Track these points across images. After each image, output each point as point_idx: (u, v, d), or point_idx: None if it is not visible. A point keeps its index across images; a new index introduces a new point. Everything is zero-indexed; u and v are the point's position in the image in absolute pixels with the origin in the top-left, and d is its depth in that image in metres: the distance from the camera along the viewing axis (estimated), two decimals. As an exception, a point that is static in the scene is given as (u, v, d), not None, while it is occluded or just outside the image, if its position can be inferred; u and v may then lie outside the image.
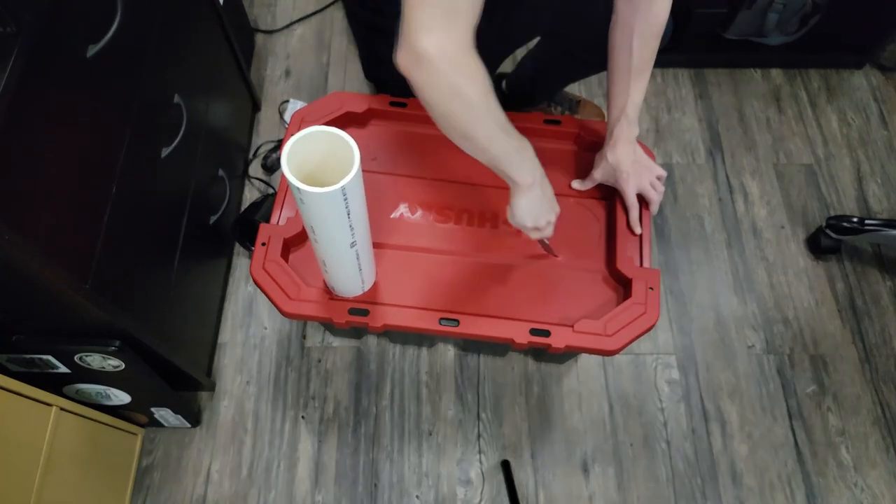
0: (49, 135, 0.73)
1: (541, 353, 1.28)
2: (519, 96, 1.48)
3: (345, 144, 0.70)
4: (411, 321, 0.95)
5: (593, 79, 1.65)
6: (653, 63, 0.96)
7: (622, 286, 1.00)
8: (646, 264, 1.00)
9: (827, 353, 1.34)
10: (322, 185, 0.68)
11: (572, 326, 0.93)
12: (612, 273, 1.01)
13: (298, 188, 0.68)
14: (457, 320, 0.94)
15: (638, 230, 1.02)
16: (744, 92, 1.66)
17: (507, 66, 1.46)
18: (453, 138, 0.80)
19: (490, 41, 1.00)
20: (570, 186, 1.09)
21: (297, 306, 0.94)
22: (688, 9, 1.57)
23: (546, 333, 0.93)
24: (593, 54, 1.03)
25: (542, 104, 1.54)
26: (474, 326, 0.94)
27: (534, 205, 0.89)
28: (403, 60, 0.72)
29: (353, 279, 0.92)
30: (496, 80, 1.54)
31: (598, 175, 1.04)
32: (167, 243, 1.07)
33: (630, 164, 1.00)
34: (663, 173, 1.04)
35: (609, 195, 1.08)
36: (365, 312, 0.94)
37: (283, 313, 0.94)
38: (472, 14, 0.71)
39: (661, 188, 1.03)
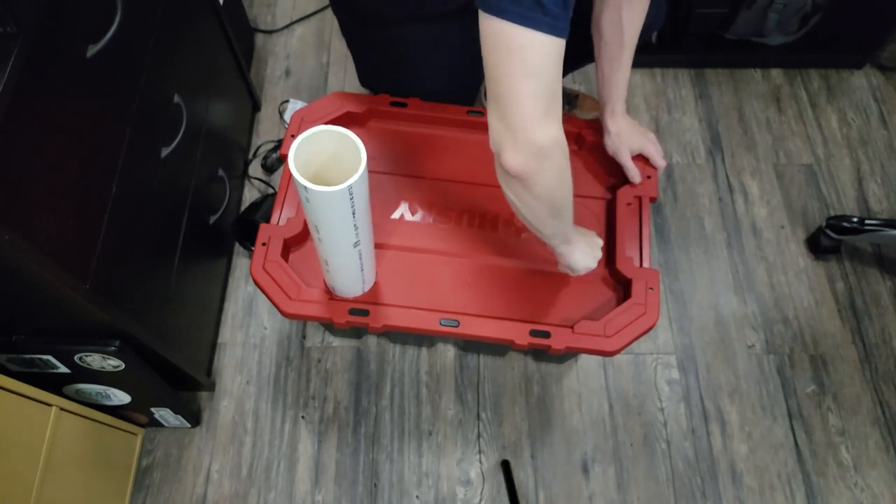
0: (49, 135, 0.73)
1: (541, 354, 1.28)
2: None
3: (351, 144, 0.70)
4: (411, 321, 0.95)
5: (592, 74, 1.65)
6: (637, 39, 0.99)
7: (622, 286, 1.00)
8: (646, 264, 1.00)
9: (827, 353, 1.34)
10: (327, 185, 0.68)
11: (572, 327, 0.93)
12: (611, 273, 1.01)
13: (305, 187, 0.68)
14: (457, 321, 0.94)
15: (638, 179, 1.06)
16: (744, 92, 1.66)
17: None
18: (540, 218, 0.79)
19: None
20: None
21: (297, 306, 0.94)
22: (688, 9, 1.57)
23: (546, 334, 0.93)
24: (583, 42, 1.03)
25: None
26: (474, 327, 0.94)
27: (586, 248, 0.94)
28: (516, 159, 0.68)
29: (354, 279, 0.92)
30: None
31: (611, 149, 1.07)
32: (167, 243, 1.07)
33: (631, 131, 1.06)
34: (652, 135, 1.09)
35: (609, 195, 1.08)
36: (365, 313, 0.94)
37: (283, 314, 0.94)
38: (561, 94, 0.69)
39: (658, 146, 1.08)
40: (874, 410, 1.29)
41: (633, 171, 1.06)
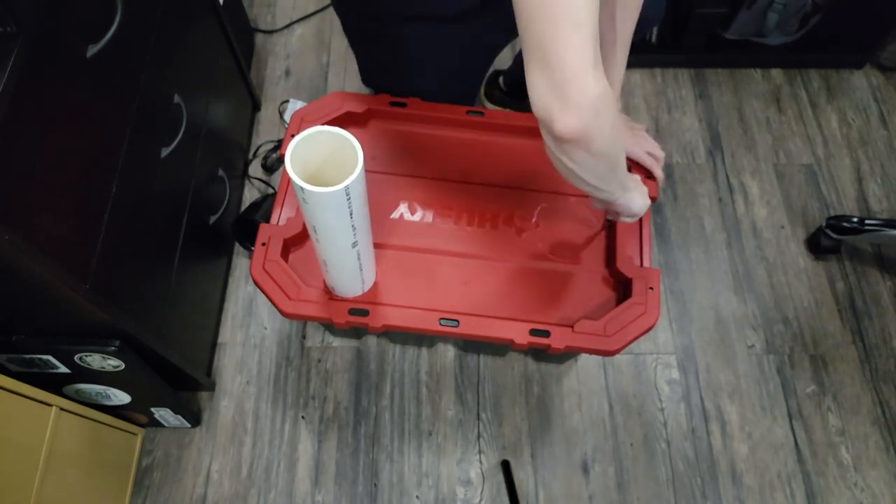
0: (49, 135, 0.73)
1: (541, 353, 1.28)
2: (518, 92, 1.47)
3: (348, 144, 0.70)
4: (411, 321, 0.95)
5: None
6: (632, 37, 0.97)
7: (622, 286, 1.00)
8: (646, 264, 1.00)
9: (827, 353, 1.34)
10: (325, 186, 0.68)
11: (572, 327, 0.93)
12: (611, 273, 1.01)
13: (302, 188, 0.68)
14: (456, 320, 0.94)
15: (663, 183, 1.04)
16: (744, 92, 1.66)
17: (501, 63, 1.46)
18: (601, 176, 0.72)
19: (490, 33, 1.01)
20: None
21: (296, 306, 0.94)
22: (688, 9, 1.57)
23: (546, 334, 0.93)
24: None
25: None
26: (474, 327, 0.94)
27: (637, 187, 0.87)
28: (570, 120, 0.61)
29: (353, 279, 0.92)
30: (493, 76, 1.54)
31: None
32: (167, 243, 1.07)
33: (629, 129, 1.03)
34: (649, 139, 1.06)
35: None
36: (365, 313, 0.94)
37: (282, 314, 0.94)
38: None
39: (660, 154, 1.05)
40: (874, 410, 1.29)
41: (659, 173, 1.04)
